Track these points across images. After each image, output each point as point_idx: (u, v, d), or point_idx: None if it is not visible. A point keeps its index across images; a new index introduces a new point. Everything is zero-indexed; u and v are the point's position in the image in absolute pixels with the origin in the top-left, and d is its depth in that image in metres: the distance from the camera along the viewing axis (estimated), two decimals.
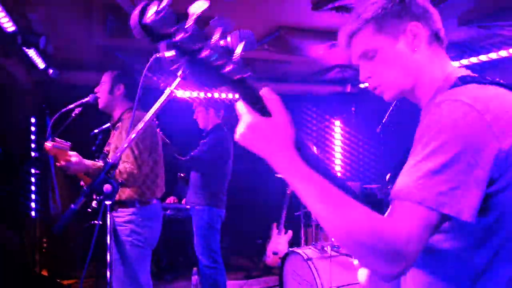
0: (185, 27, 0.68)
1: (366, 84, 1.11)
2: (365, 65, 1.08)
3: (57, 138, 2.31)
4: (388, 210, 0.93)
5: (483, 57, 3.85)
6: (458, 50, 3.86)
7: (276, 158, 0.87)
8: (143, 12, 0.69)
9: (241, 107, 0.88)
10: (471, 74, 1.00)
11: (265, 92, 0.87)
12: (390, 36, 1.03)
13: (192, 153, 3.64)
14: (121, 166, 2.35)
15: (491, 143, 0.83)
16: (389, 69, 1.04)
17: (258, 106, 0.85)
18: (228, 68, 0.74)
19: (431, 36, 1.04)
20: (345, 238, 0.83)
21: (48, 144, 2.27)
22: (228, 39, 1.32)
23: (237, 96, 0.85)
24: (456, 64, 4.04)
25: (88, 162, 2.38)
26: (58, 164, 2.30)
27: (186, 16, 0.71)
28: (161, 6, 0.69)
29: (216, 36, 0.72)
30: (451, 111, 0.85)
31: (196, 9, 0.70)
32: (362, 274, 1.15)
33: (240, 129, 0.88)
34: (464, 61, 3.99)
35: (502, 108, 0.87)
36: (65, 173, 2.29)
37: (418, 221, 0.80)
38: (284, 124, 0.87)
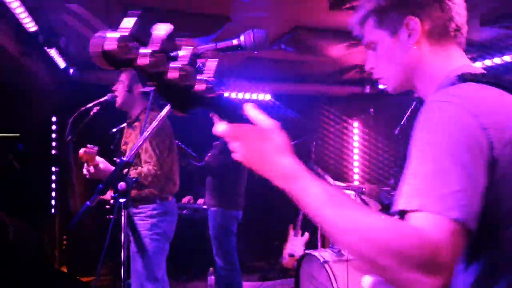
0: (147, 52, 0.66)
1: (386, 86, 1.09)
2: (370, 55, 1.07)
3: (88, 145, 2.35)
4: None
5: (507, 58, 3.75)
6: (480, 51, 3.77)
7: (278, 162, 0.81)
8: (103, 39, 0.66)
9: (222, 126, 0.83)
10: (476, 71, 0.92)
11: (248, 107, 0.84)
12: (388, 30, 1.00)
13: (206, 159, 3.65)
14: (145, 169, 2.43)
15: (485, 147, 0.76)
16: (386, 63, 1.03)
17: (239, 120, 0.83)
18: (200, 87, 0.70)
19: (437, 29, 0.97)
20: (369, 247, 0.71)
21: (81, 151, 2.31)
22: (242, 38, 1.31)
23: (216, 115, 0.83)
24: (478, 65, 3.94)
25: (112, 168, 2.44)
26: (86, 170, 2.34)
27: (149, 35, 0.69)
28: (121, 33, 0.66)
29: (183, 53, 0.69)
30: (441, 112, 0.80)
31: (159, 32, 0.68)
32: (366, 283, 1.08)
33: (235, 147, 0.84)
34: (488, 62, 3.88)
35: (497, 111, 0.81)
36: (91, 179, 2.34)
37: (443, 229, 0.70)
38: (276, 128, 0.84)
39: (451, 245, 0.69)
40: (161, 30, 0.68)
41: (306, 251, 3.71)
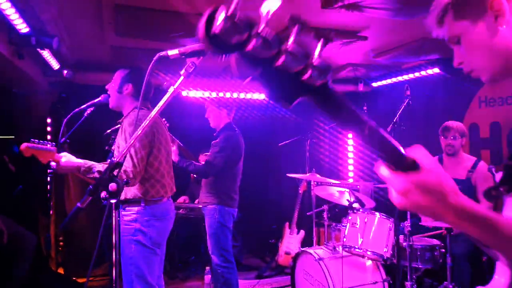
0: (258, 32, 0.58)
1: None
2: (456, 50, 1.01)
3: (39, 141, 2.33)
4: None
5: None
6: None
7: (453, 208, 0.73)
8: (210, 20, 0.57)
9: (384, 171, 0.73)
10: None
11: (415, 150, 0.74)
12: (470, 20, 0.94)
13: (207, 159, 3.64)
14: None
15: None
16: (474, 54, 0.97)
17: (402, 163, 0.72)
18: (307, 74, 0.62)
19: None
20: None
21: (22, 145, 2.28)
22: None
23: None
24: None
25: (78, 160, 2.37)
26: (43, 163, 2.32)
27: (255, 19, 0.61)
28: (230, 11, 0.57)
29: (292, 38, 0.61)
30: None
31: (268, 8, 0.59)
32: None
33: (400, 199, 0.73)
34: None
35: None
36: (57, 173, 2.32)
37: None
38: (439, 171, 0.74)
39: None
40: (270, 5, 0.60)
41: (302, 249, 3.73)
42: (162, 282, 2.70)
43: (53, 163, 2.32)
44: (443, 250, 3.32)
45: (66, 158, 2.34)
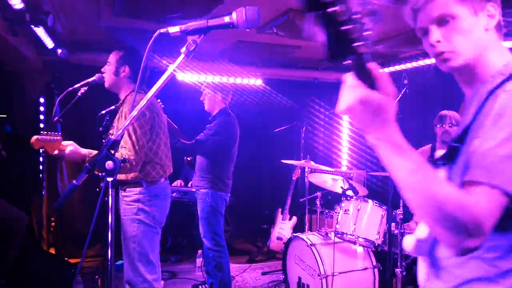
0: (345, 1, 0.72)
1: (449, 60, 1.14)
2: (436, 29, 1.11)
3: (47, 132, 2.32)
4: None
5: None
6: None
7: (380, 132, 0.90)
8: None
9: (350, 79, 0.86)
10: None
11: (374, 67, 0.85)
12: (470, 8, 1.07)
13: (197, 137, 3.64)
14: (118, 153, 2.36)
15: None
16: (461, 38, 1.08)
17: (368, 81, 0.85)
18: (358, 43, 0.76)
19: (499, 22, 1.10)
20: (435, 210, 0.87)
21: (33, 138, 2.29)
22: (233, 15, 1.30)
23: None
24: None
25: (84, 151, 2.41)
26: (51, 154, 2.34)
27: None
28: None
29: (358, 11, 0.75)
30: None
31: None
32: (409, 241, 1.18)
33: (346, 101, 0.87)
34: None
35: None
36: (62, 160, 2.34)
37: (494, 203, 0.87)
38: (391, 99, 0.88)
39: (495, 217, 0.88)
40: None
41: (293, 234, 3.76)
42: (159, 261, 2.76)
43: (56, 152, 2.33)
44: None
45: (72, 148, 2.37)
